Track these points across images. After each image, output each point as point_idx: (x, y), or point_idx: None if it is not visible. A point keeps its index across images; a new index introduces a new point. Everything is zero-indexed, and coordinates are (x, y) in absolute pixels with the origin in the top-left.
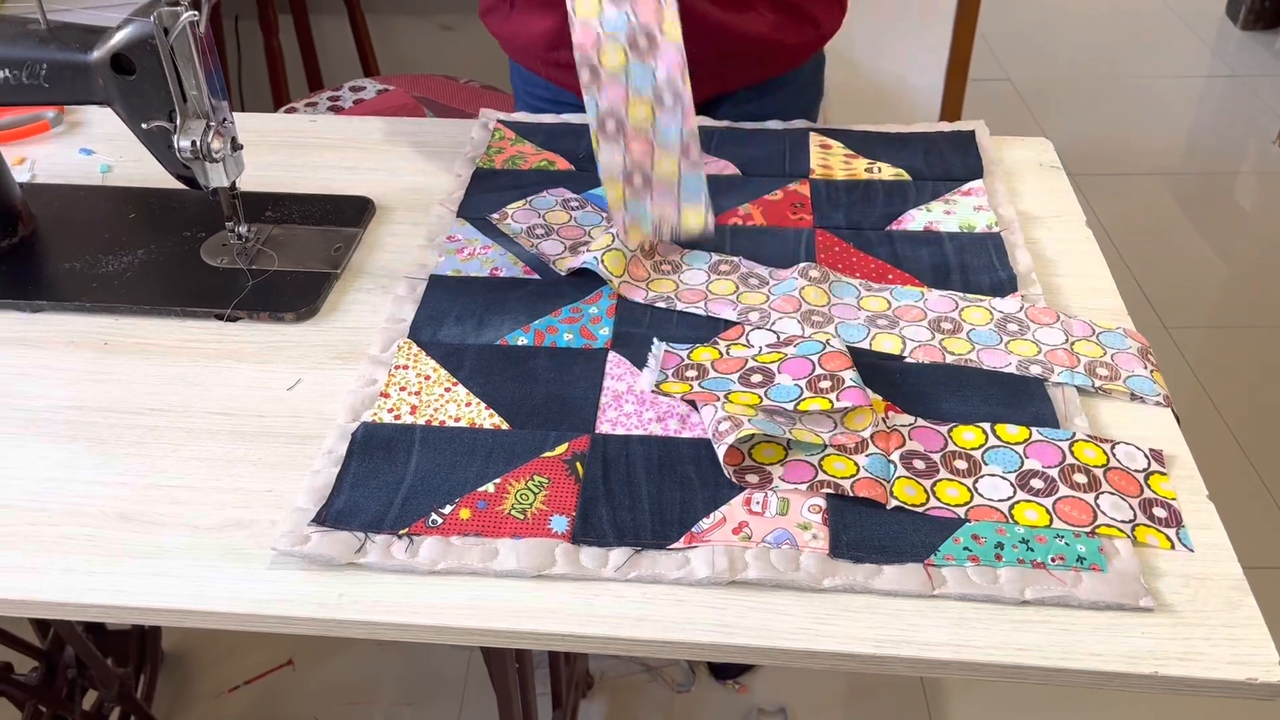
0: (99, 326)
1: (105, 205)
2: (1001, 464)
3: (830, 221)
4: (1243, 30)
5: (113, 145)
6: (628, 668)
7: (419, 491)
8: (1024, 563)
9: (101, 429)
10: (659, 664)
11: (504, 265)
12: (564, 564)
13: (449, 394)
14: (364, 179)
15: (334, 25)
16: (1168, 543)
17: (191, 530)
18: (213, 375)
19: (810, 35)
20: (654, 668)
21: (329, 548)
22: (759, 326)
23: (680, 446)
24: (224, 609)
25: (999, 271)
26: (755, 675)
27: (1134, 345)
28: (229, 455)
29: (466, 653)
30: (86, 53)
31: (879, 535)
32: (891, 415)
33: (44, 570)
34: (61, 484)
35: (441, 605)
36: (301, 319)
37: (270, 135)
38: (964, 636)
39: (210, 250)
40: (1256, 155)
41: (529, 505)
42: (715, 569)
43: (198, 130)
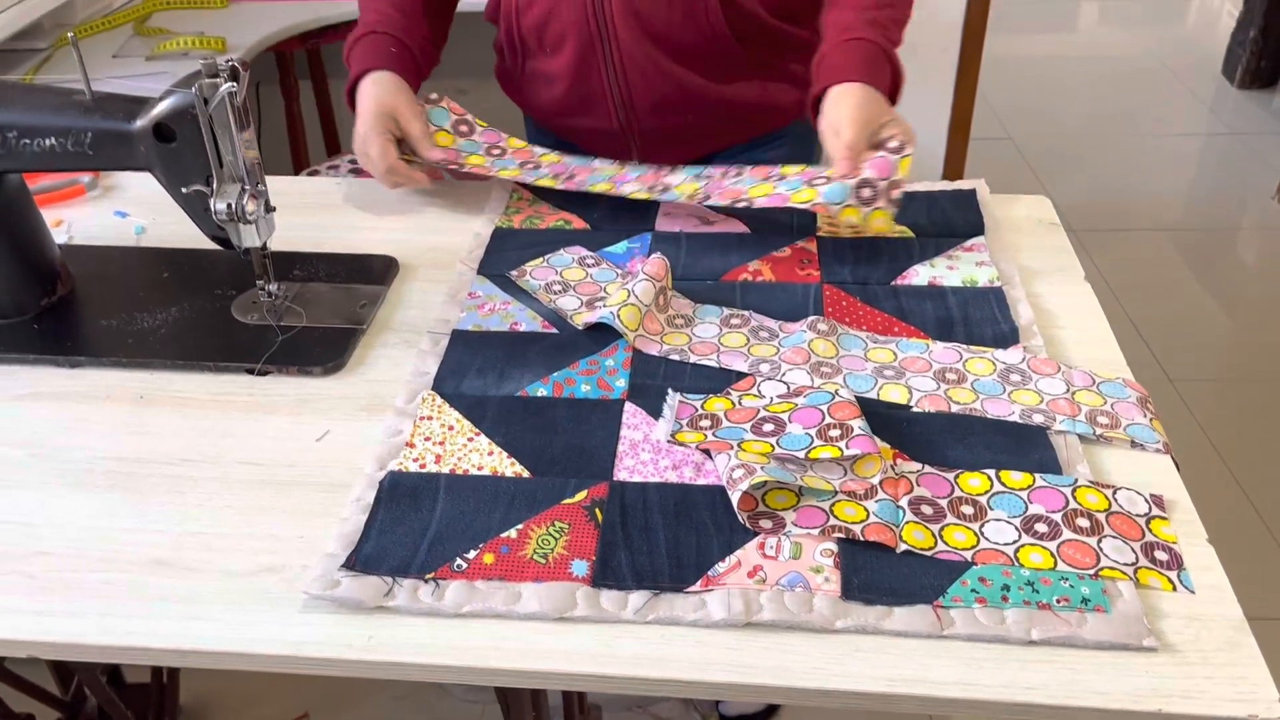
0: (135, 381)
1: (140, 265)
2: (1006, 509)
3: (837, 277)
4: (1239, 89)
5: (146, 208)
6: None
7: (444, 537)
8: (1030, 604)
9: (138, 479)
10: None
11: (523, 320)
12: (585, 606)
13: (472, 444)
14: (387, 238)
15: None
16: (1169, 585)
17: (225, 576)
18: (244, 427)
19: (800, 95)
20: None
21: (359, 591)
22: (770, 378)
23: (695, 493)
24: (258, 651)
25: (1001, 324)
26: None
27: (1133, 394)
28: (260, 503)
29: (480, 707)
30: (129, 121)
31: (889, 578)
32: (899, 463)
33: (84, 615)
34: (100, 532)
35: (467, 646)
36: (329, 373)
37: (297, 197)
38: (973, 676)
39: (241, 308)
40: (1257, 210)
41: (550, 550)
42: (731, 611)
43: (233, 194)
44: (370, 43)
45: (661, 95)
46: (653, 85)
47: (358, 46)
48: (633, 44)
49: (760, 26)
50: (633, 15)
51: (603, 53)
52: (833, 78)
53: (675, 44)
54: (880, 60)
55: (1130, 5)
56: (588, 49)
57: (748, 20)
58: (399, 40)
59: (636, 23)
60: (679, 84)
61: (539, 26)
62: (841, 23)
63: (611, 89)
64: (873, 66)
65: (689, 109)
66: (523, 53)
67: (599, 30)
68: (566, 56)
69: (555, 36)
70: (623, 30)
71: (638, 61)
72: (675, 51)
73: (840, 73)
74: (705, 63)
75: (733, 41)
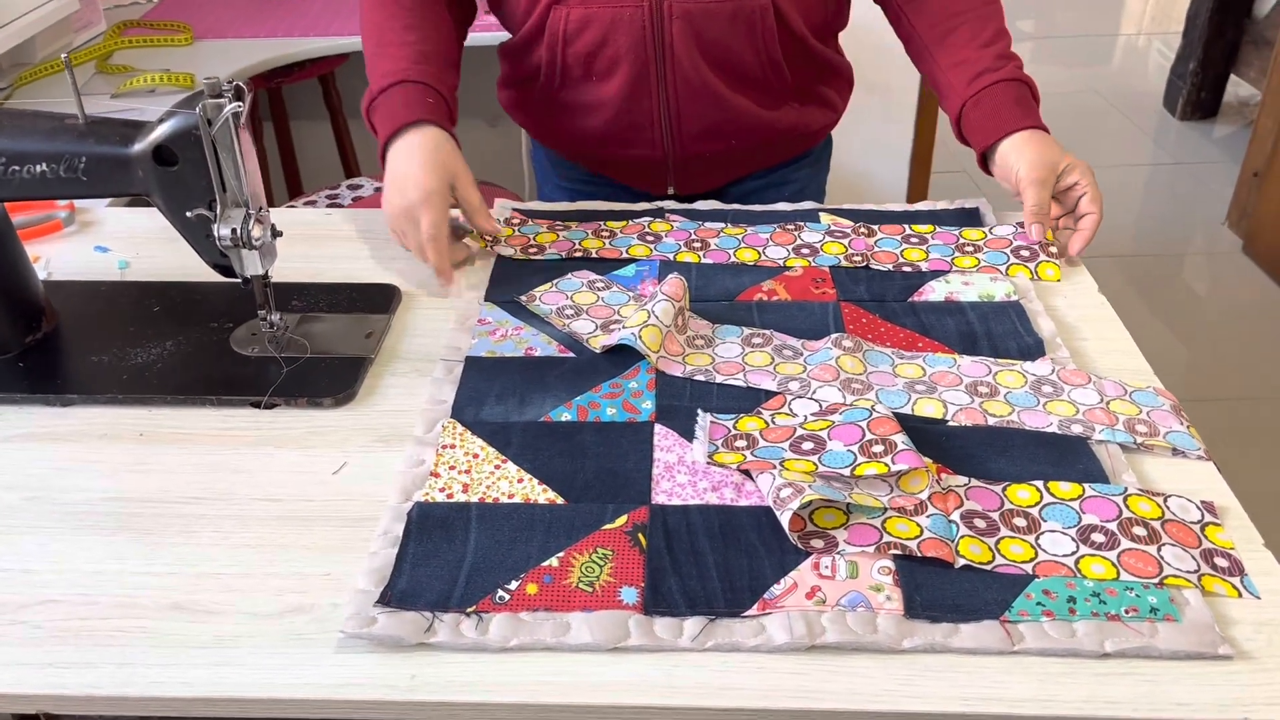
0: (133, 418)
1: (127, 299)
2: (1060, 520)
3: (853, 295)
4: (1181, 120)
5: (127, 243)
6: None
7: (482, 569)
8: (1098, 616)
9: (145, 519)
10: None
11: (538, 345)
12: (639, 635)
13: (499, 471)
14: (385, 268)
15: (312, 130)
16: (1235, 591)
17: (250, 618)
18: (255, 462)
19: (828, 118)
20: None
21: (397, 628)
22: (800, 395)
23: (740, 515)
24: (294, 695)
25: (1025, 337)
26: None
27: (1166, 403)
28: (280, 540)
29: None
30: (126, 146)
31: (951, 594)
32: (945, 477)
33: (99, 664)
34: (109, 576)
35: (518, 682)
36: (340, 404)
37: (287, 228)
38: (1050, 692)
39: (240, 340)
40: (1204, 237)
41: (596, 578)
42: (794, 634)
43: (238, 218)
44: (405, 93)
45: (711, 121)
46: (704, 111)
47: (388, 97)
48: (690, 68)
49: (804, 49)
50: (694, 37)
51: (656, 77)
52: (1000, 129)
53: (732, 68)
54: (1026, 97)
55: (1062, 46)
56: (641, 74)
57: (795, 43)
58: (434, 90)
59: (697, 45)
60: (729, 109)
61: (590, 53)
62: (971, 65)
63: (660, 116)
64: (1025, 107)
65: (734, 135)
66: (562, 81)
67: (656, 54)
68: (617, 83)
69: (607, 62)
70: (681, 53)
71: (692, 86)
72: (731, 75)
73: (1007, 123)
74: (756, 87)
75: (783, 65)
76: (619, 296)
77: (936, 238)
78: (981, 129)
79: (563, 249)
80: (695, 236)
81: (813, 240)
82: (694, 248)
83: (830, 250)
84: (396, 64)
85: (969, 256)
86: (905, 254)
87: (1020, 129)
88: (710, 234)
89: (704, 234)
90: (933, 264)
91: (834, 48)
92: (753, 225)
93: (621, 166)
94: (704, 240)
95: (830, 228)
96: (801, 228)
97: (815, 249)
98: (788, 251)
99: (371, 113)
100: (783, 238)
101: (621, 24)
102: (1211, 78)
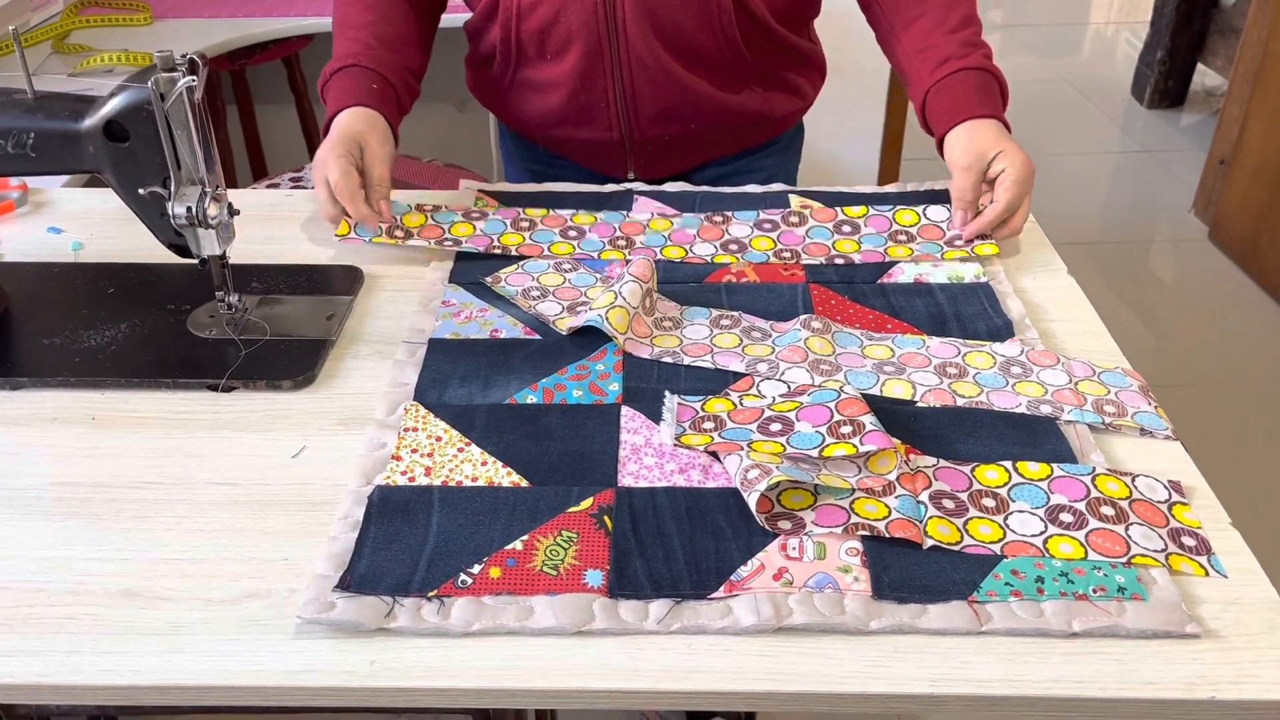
0: (85, 402)
1: (81, 281)
2: (1028, 500)
3: (822, 277)
4: (1149, 109)
5: (81, 224)
6: None
7: (444, 552)
8: (1066, 595)
9: (97, 504)
10: None
11: (503, 327)
12: (603, 619)
13: (463, 454)
14: (347, 249)
15: (276, 113)
16: (1202, 570)
17: (205, 604)
18: (212, 446)
19: (797, 105)
20: None
21: (357, 613)
22: (769, 377)
23: (707, 496)
24: (249, 683)
25: (994, 319)
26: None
27: (1134, 383)
28: (237, 525)
29: None
30: (77, 121)
31: (919, 575)
32: (913, 458)
33: (48, 653)
34: (59, 563)
35: (480, 668)
36: (300, 386)
37: (248, 209)
38: (1019, 672)
39: (197, 322)
40: (1169, 224)
41: (560, 561)
42: (761, 616)
43: (193, 196)
44: (349, 77)
45: (667, 103)
46: (659, 92)
47: (336, 80)
48: (643, 47)
49: (766, 33)
50: (646, 16)
51: (610, 57)
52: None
53: (687, 48)
54: (990, 85)
55: (1031, 36)
56: (594, 53)
57: (757, 26)
58: (380, 75)
59: (650, 24)
60: (686, 91)
61: (542, 30)
62: (936, 52)
63: (616, 96)
64: (985, 95)
65: (693, 118)
66: (518, 60)
67: (609, 33)
68: (570, 61)
69: (560, 40)
70: (634, 32)
71: (646, 66)
72: (686, 56)
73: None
74: (714, 70)
75: (740, 47)
76: (586, 278)
77: (870, 224)
78: (940, 117)
79: (480, 244)
80: (620, 233)
81: (741, 235)
82: (618, 245)
83: (758, 246)
84: (350, 46)
85: (902, 246)
86: (837, 245)
87: (972, 118)
88: (636, 229)
89: (629, 229)
90: (865, 255)
91: (804, 34)
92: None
93: (579, 148)
94: (629, 237)
95: (759, 218)
96: (730, 220)
97: (744, 245)
98: (714, 248)
99: (325, 92)
100: (710, 232)
101: (573, 1)
102: (1179, 66)
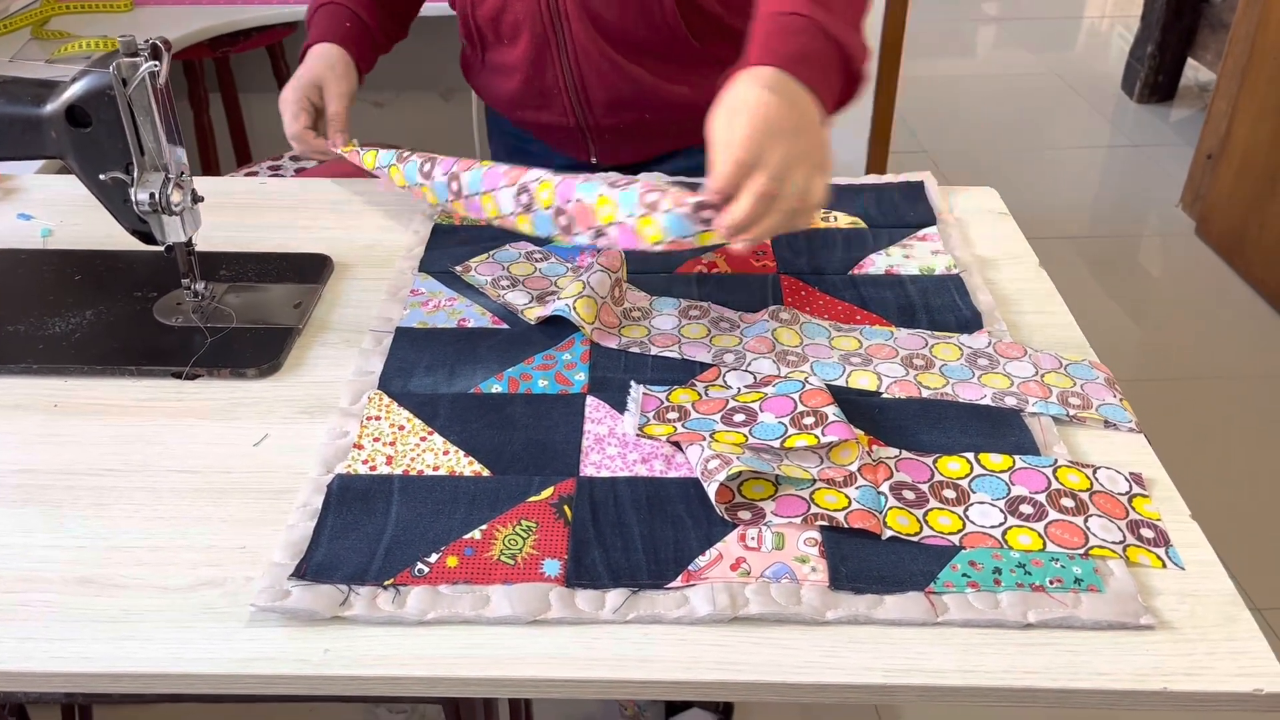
0: (47, 389)
1: (48, 268)
2: (989, 491)
3: (793, 268)
4: (1138, 103)
5: (52, 210)
6: None
7: (402, 541)
8: (1023, 586)
9: (55, 491)
10: None
11: (471, 316)
12: (559, 608)
13: (425, 443)
14: (319, 237)
15: (261, 102)
16: (1159, 562)
17: (160, 591)
18: (173, 433)
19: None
20: None
21: (311, 602)
22: (735, 368)
23: (668, 486)
24: (201, 670)
25: (963, 310)
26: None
27: (1100, 376)
28: (196, 513)
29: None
30: (38, 106)
31: (877, 565)
32: (876, 449)
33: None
34: (14, 550)
35: (434, 656)
36: (264, 375)
37: (221, 198)
38: (972, 662)
39: (164, 310)
40: (1158, 219)
41: (519, 551)
42: (717, 606)
43: (156, 183)
44: (326, 14)
45: (616, 92)
46: (607, 82)
47: (316, 15)
48: (586, 39)
49: (717, 23)
50: (583, 8)
51: (557, 46)
52: (743, 64)
53: (629, 40)
54: (819, 45)
55: (1025, 29)
56: (542, 42)
57: (704, 16)
58: (356, 15)
59: (588, 17)
60: (633, 81)
61: (494, 17)
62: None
63: (567, 84)
64: (802, 51)
65: (645, 107)
66: (481, 43)
67: (553, 23)
68: (521, 48)
69: (510, 27)
70: (576, 24)
71: (591, 57)
72: (629, 47)
73: (756, 56)
74: (659, 60)
75: (688, 38)
76: (556, 268)
77: (636, 187)
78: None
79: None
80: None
81: (530, 179)
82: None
83: (543, 189)
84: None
85: (650, 220)
86: (599, 211)
87: (768, 65)
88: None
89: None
90: (623, 234)
91: None
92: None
93: (543, 131)
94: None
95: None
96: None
97: (530, 191)
98: (512, 190)
99: (308, 27)
100: (514, 174)
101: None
102: (1169, 61)
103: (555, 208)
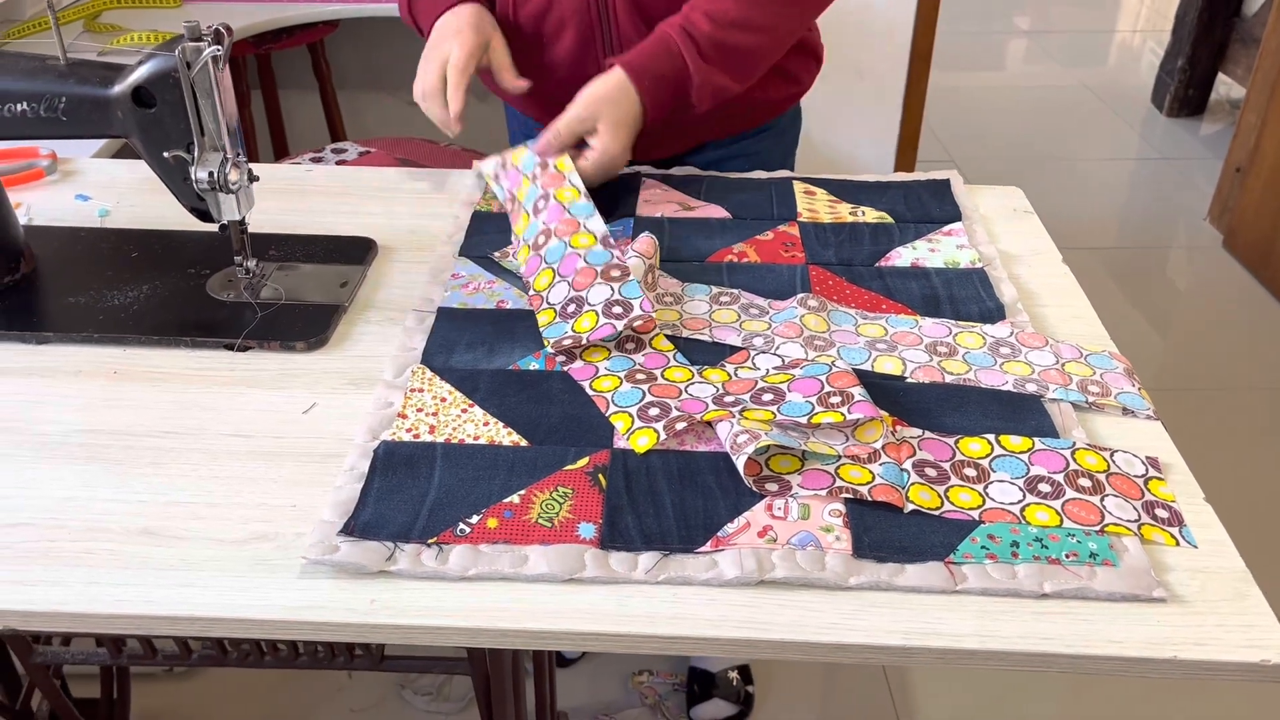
0: (107, 357)
1: (106, 245)
2: (1009, 470)
3: (821, 259)
4: (1168, 117)
5: (109, 192)
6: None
7: (444, 503)
8: (1040, 559)
9: (116, 450)
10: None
11: (510, 299)
12: (594, 568)
13: (466, 414)
14: (363, 222)
15: (300, 99)
16: (1173, 540)
17: (216, 544)
18: (226, 401)
19: (790, 90)
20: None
21: (359, 556)
22: (764, 351)
23: (698, 459)
24: (256, 616)
25: (986, 302)
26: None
27: (1120, 366)
28: (249, 474)
29: (444, 718)
30: (106, 87)
31: (899, 536)
32: (899, 429)
33: (67, 583)
34: (80, 503)
35: (474, 608)
36: (312, 348)
37: (268, 183)
38: (989, 628)
39: (216, 285)
40: (1186, 232)
41: (555, 514)
42: (744, 569)
43: (215, 162)
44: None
45: None
46: None
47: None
48: (632, 31)
49: None
50: (634, 3)
51: (602, 42)
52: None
53: None
54: (663, 61)
55: (1055, 44)
56: (587, 38)
57: None
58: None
59: (638, 12)
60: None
61: (538, 15)
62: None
63: None
64: (648, 61)
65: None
66: (519, 42)
67: (599, 18)
68: (565, 46)
69: (555, 25)
70: (624, 19)
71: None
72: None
73: (624, 58)
74: None
75: None
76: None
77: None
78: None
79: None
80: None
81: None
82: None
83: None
84: None
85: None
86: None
87: (618, 67)
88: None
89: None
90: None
91: None
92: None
93: None
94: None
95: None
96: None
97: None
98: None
99: (415, 13)
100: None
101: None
102: (1199, 75)
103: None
